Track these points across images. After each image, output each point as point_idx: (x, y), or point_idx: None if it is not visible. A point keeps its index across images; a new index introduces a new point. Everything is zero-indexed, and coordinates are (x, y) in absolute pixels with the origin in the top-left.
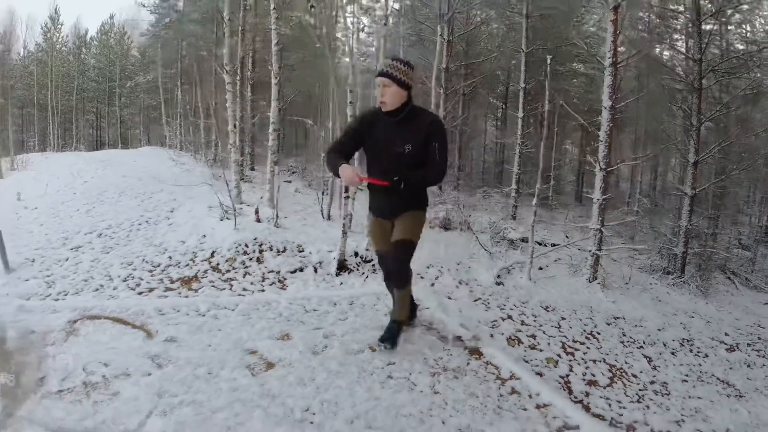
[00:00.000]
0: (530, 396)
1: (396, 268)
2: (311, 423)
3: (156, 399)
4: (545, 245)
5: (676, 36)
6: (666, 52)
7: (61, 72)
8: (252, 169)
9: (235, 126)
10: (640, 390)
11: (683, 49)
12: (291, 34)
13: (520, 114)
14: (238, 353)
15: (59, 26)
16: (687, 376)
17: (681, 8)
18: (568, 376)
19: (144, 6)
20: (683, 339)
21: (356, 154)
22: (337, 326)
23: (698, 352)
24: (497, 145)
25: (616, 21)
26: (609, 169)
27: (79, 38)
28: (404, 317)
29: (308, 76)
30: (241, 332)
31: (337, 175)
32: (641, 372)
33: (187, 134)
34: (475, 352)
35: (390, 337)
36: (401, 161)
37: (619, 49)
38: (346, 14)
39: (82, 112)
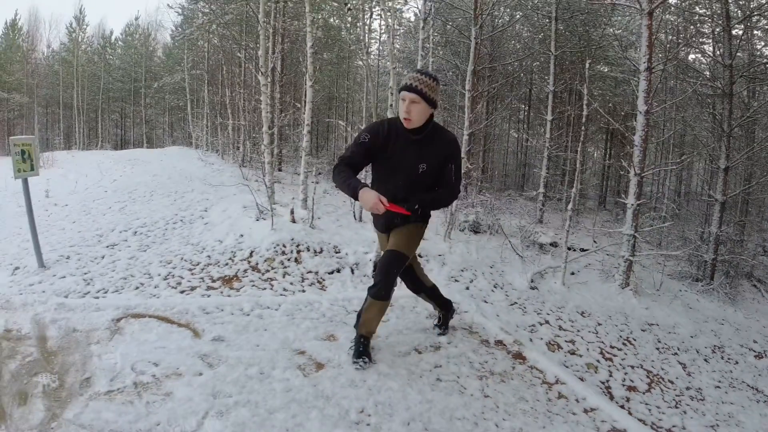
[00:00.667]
0: (577, 400)
1: (380, 278)
2: (368, 425)
3: (211, 399)
4: (574, 250)
5: (702, 40)
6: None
7: (87, 72)
8: (279, 169)
9: (270, 127)
10: (676, 396)
11: (711, 54)
12: (318, 35)
13: (549, 117)
14: (287, 353)
15: (84, 27)
16: (719, 382)
17: (709, 12)
18: (608, 381)
19: (171, 7)
20: (714, 346)
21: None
22: (380, 328)
23: (729, 358)
24: (519, 147)
25: (651, 26)
26: (643, 174)
27: (104, 39)
28: (370, 330)
29: (326, 78)
30: (287, 332)
31: (353, 196)
32: (677, 378)
33: (214, 134)
34: (519, 357)
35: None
36: (415, 180)
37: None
38: (374, 17)
39: (107, 111)
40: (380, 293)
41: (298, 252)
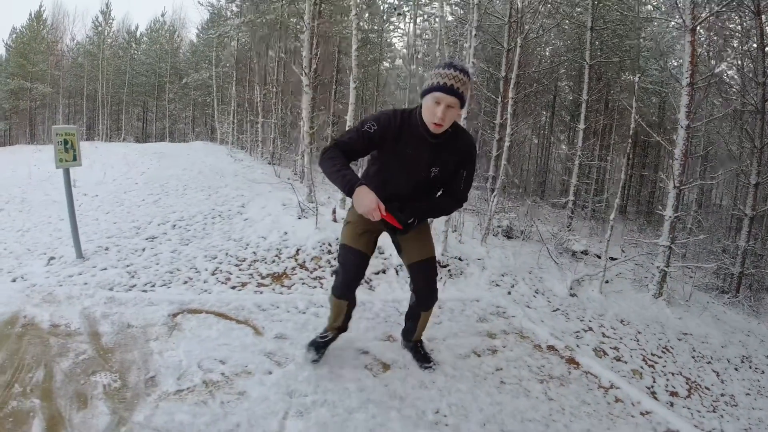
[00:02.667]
0: (632, 404)
1: (430, 288)
2: (446, 425)
3: (287, 399)
4: (601, 257)
5: (735, 55)
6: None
7: (113, 66)
8: None
9: (311, 127)
10: (713, 401)
11: (744, 70)
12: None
13: (582, 125)
14: (352, 353)
15: (110, 21)
16: (749, 389)
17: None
18: (653, 386)
19: (201, 4)
20: (743, 356)
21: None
22: (436, 330)
23: (756, 368)
24: (540, 153)
25: (694, 42)
26: (682, 187)
27: (128, 34)
28: (420, 335)
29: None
30: (348, 332)
31: (347, 191)
32: (712, 385)
33: (240, 131)
34: (572, 362)
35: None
36: (423, 184)
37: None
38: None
39: (131, 104)
40: (431, 303)
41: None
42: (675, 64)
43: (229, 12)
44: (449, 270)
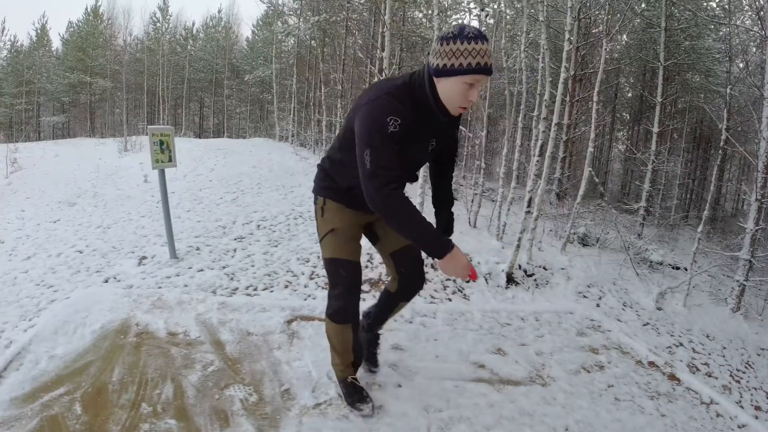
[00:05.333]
0: (731, 418)
1: (419, 274)
2: None
3: (425, 414)
4: (677, 268)
5: None
6: None
7: (172, 62)
8: None
9: None
10: None
11: None
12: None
13: (656, 129)
14: (469, 366)
15: (168, 17)
16: None
17: None
18: (740, 401)
19: (263, 2)
20: None
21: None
22: (540, 344)
23: None
24: (599, 153)
25: None
26: (765, 200)
27: (186, 30)
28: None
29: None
30: (458, 343)
31: (434, 252)
32: None
33: (301, 128)
34: (673, 378)
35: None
36: (423, 163)
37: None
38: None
39: (189, 100)
40: (416, 293)
41: (433, 258)
42: (741, 66)
43: (286, 8)
44: (535, 279)
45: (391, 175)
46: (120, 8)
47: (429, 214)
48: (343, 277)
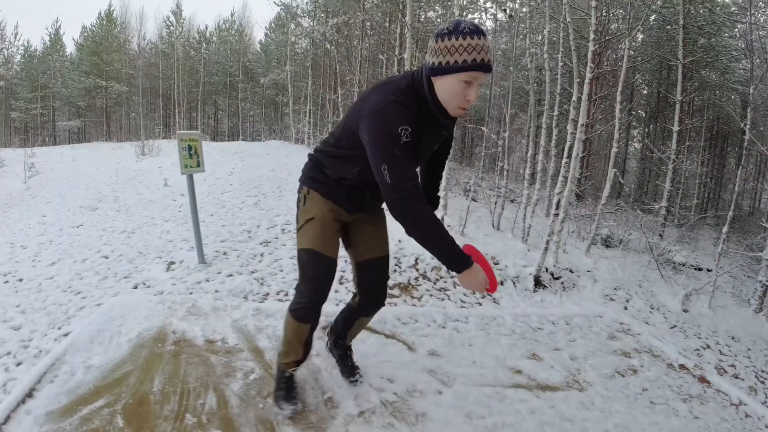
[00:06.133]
0: (758, 418)
1: (381, 292)
2: None
3: (469, 421)
4: (700, 269)
5: None
6: None
7: (187, 66)
8: None
9: None
10: None
11: None
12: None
13: (676, 128)
14: (507, 372)
15: (182, 21)
16: None
17: None
18: (765, 402)
19: (277, 4)
20: None
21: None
22: (573, 348)
23: None
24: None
25: None
26: None
27: (199, 33)
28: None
29: None
30: (493, 349)
31: (455, 267)
32: None
33: (316, 130)
34: (704, 380)
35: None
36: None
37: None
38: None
39: (203, 103)
40: (376, 310)
41: (450, 272)
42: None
43: (299, 10)
44: (562, 282)
45: (412, 185)
46: (133, 13)
47: None
48: (316, 271)
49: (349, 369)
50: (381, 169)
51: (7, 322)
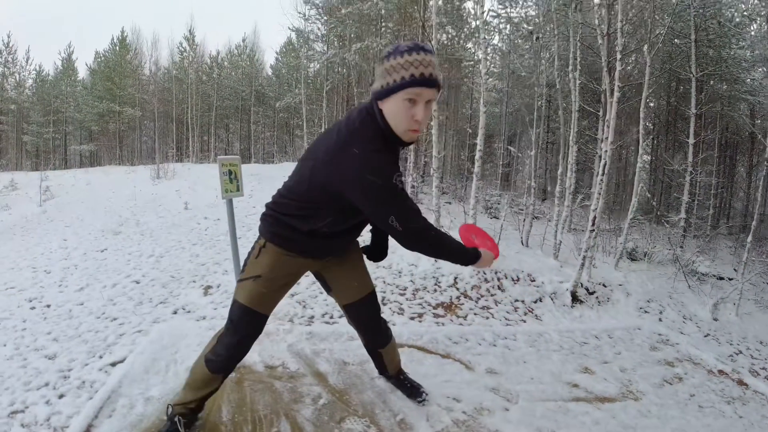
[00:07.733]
0: None
1: (378, 328)
2: None
3: None
4: (722, 278)
5: None
6: None
7: (199, 92)
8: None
9: (439, 152)
10: None
11: None
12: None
13: (692, 140)
14: (565, 386)
15: (195, 47)
16: None
17: None
18: None
19: (291, 30)
20: None
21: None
22: (620, 360)
23: None
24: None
25: None
26: None
27: (211, 59)
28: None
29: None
30: (547, 364)
31: (473, 261)
32: None
33: None
34: (742, 383)
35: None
36: None
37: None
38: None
39: (216, 126)
40: (388, 338)
41: (498, 279)
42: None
43: (311, 35)
44: (597, 297)
45: (421, 224)
46: (144, 39)
47: None
48: (244, 328)
49: (410, 391)
50: (389, 221)
51: (39, 350)
